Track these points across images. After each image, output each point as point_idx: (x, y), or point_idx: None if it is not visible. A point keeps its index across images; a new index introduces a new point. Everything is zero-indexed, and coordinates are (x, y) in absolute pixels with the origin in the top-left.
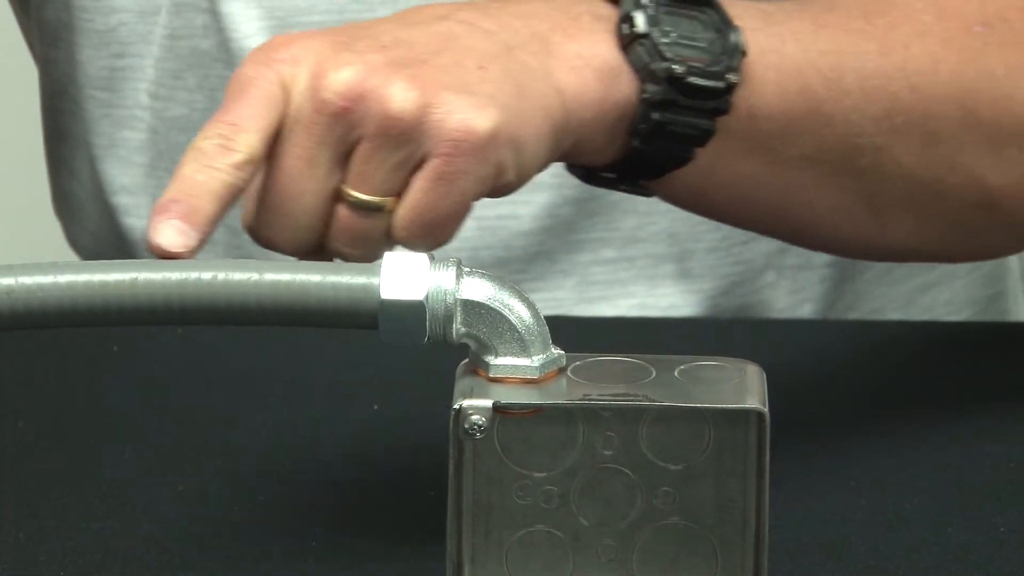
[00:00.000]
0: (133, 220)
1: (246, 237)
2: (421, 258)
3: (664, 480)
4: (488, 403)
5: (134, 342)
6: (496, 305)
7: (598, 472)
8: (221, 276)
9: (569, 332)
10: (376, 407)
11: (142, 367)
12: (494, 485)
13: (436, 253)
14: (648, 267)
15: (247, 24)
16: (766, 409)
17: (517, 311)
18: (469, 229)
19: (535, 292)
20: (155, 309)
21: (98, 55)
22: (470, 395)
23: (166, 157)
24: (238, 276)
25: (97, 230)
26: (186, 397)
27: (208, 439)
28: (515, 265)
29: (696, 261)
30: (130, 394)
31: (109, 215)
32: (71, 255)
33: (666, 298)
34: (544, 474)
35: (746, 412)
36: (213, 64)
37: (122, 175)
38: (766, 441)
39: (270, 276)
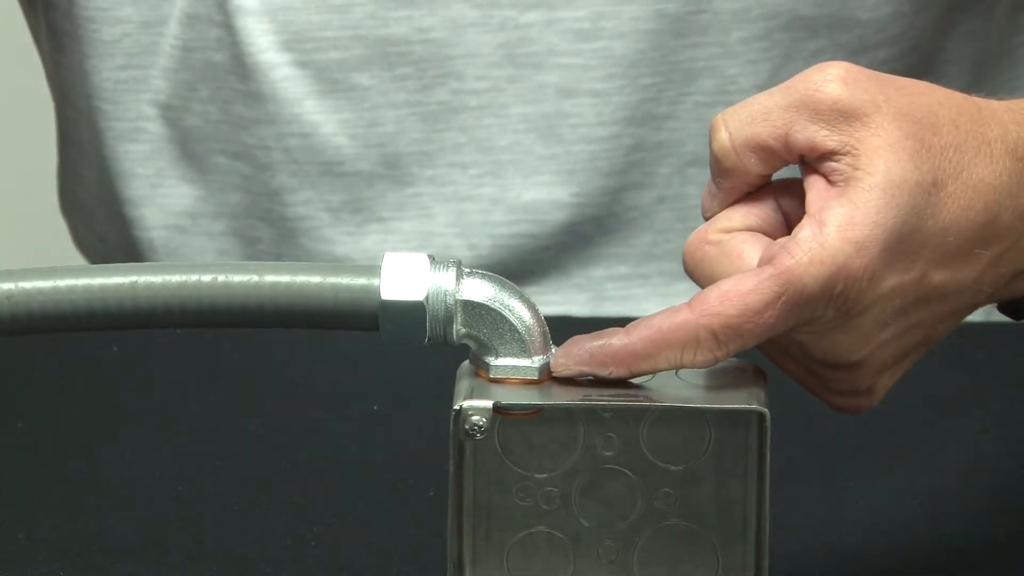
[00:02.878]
0: (140, 233)
1: (261, 247)
2: (421, 258)
3: (665, 481)
4: (488, 404)
5: (134, 342)
6: (496, 306)
7: (599, 473)
8: (221, 278)
9: (576, 332)
10: (376, 407)
11: (142, 367)
12: (495, 486)
13: (437, 255)
14: (662, 285)
15: (262, 38)
16: (767, 410)
17: (518, 312)
18: (484, 248)
19: (548, 306)
20: (155, 312)
21: (103, 66)
22: (470, 396)
23: (181, 166)
24: (238, 278)
25: (105, 234)
26: (186, 397)
27: (208, 439)
28: (528, 279)
29: None
30: (130, 394)
31: (118, 223)
32: (77, 256)
33: None
34: (545, 475)
35: (747, 413)
36: (227, 77)
37: (126, 188)
38: (767, 442)
39: (270, 278)
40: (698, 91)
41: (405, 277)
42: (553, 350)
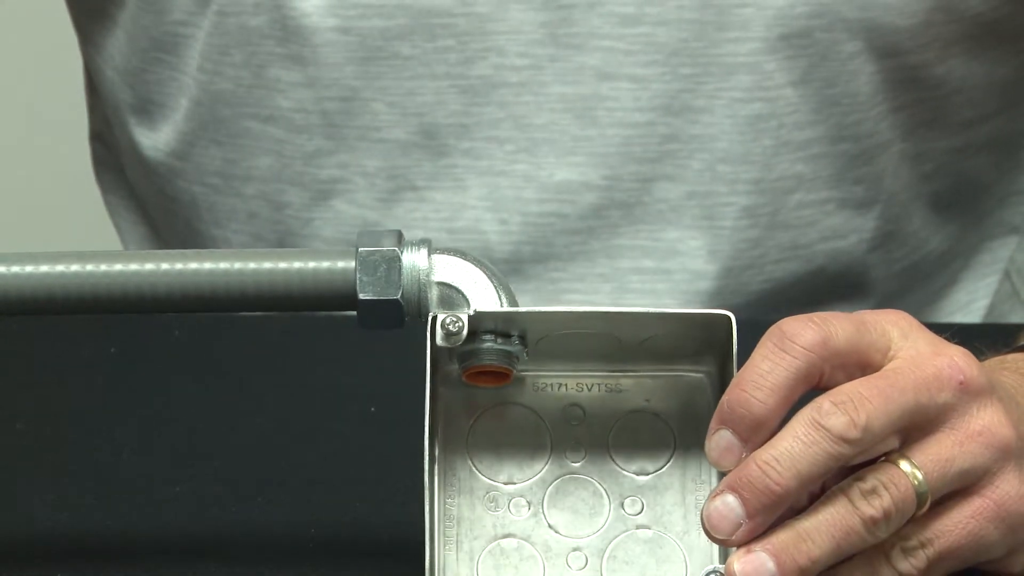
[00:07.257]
0: (183, 184)
1: (290, 212)
2: (394, 232)
3: (631, 488)
4: (463, 315)
5: (133, 343)
6: (468, 259)
7: (567, 482)
8: (207, 266)
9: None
10: (373, 409)
11: (141, 368)
12: (464, 496)
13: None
14: (684, 282)
15: (306, 2)
16: (731, 314)
17: (489, 267)
18: (515, 224)
19: (572, 294)
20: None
21: (160, 21)
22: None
23: (211, 129)
24: (223, 265)
25: (145, 195)
26: (185, 398)
27: (207, 440)
28: (555, 264)
29: (731, 278)
30: (129, 395)
31: (156, 180)
32: (111, 229)
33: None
34: (514, 485)
35: (714, 316)
36: (263, 41)
37: (169, 143)
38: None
39: (245, 260)
40: (736, 87)
41: (379, 239)
42: (520, 307)
